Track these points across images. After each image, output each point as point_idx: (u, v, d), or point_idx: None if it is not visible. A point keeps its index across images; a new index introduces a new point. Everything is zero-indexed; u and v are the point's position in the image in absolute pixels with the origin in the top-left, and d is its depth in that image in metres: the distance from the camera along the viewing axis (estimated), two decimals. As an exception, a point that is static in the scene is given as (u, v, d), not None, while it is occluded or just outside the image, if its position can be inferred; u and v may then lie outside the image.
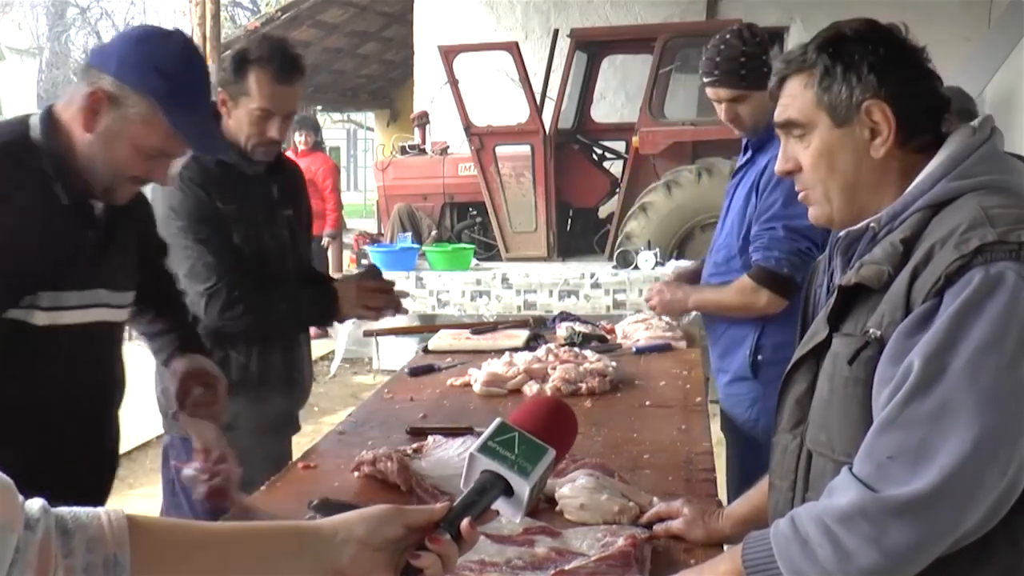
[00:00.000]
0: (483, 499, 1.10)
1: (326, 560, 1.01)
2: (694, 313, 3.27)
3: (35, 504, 0.88)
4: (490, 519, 1.11)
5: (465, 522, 1.06)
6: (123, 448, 1.99)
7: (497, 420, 1.16)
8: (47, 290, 1.72)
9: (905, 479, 1.21)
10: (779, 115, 1.48)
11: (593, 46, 8.11)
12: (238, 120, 2.50)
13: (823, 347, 1.42)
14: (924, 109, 1.42)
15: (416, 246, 7.51)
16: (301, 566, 1.01)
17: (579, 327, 3.60)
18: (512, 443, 1.12)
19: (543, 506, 1.86)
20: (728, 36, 2.87)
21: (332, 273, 7.71)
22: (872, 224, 1.42)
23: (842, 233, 1.49)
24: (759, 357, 2.86)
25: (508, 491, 1.11)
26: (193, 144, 1.84)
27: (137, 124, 1.73)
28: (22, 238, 1.65)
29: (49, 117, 1.76)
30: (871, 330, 1.31)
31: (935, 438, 1.20)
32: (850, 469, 1.28)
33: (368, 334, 5.22)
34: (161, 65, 1.74)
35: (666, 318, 3.68)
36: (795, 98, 1.45)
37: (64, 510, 0.90)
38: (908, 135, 1.40)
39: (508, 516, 1.13)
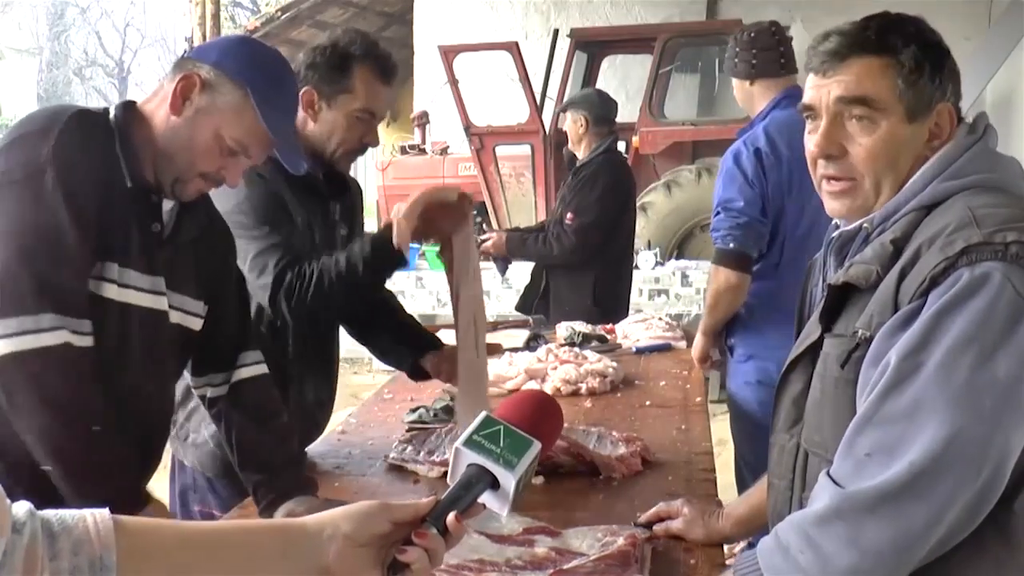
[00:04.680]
0: (469, 493, 1.09)
1: (312, 558, 1.01)
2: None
3: (21, 507, 0.87)
4: (476, 513, 1.11)
5: (451, 516, 1.06)
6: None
7: (482, 413, 1.16)
8: (113, 260, 1.67)
9: (878, 474, 1.21)
10: (848, 90, 1.39)
11: (593, 46, 8.12)
12: (331, 123, 2.27)
13: (817, 347, 1.41)
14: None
15: (416, 246, 7.51)
16: (288, 564, 1.00)
17: (579, 327, 3.59)
18: (497, 436, 1.12)
19: (543, 506, 1.86)
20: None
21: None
22: (865, 225, 1.41)
23: (835, 233, 1.48)
24: None
25: (495, 484, 1.11)
26: (279, 144, 1.78)
27: (227, 112, 1.69)
28: (89, 205, 1.62)
29: (128, 106, 1.75)
30: (860, 331, 1.31)
31: (909, 435, 1.20)
32: (828, 472, 1.28)
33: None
34: (262, 62, 1.76)
35: (666, 318, 3.70)
36: (871, 78, 1.38)
37: (49, 513, 0.89)
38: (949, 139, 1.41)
39: (495, 509, 1.12)
